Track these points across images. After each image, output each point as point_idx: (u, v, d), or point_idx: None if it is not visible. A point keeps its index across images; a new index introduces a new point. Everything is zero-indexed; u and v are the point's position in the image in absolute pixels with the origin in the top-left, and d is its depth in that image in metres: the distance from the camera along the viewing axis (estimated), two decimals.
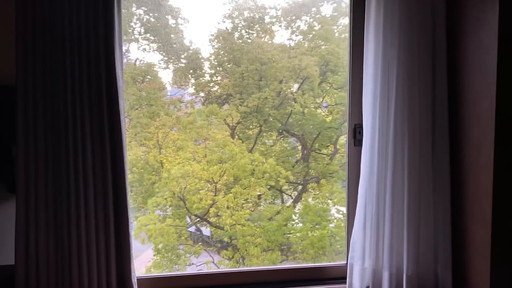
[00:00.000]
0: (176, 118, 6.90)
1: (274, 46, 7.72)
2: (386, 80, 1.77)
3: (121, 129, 1.53)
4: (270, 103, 7.21)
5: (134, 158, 6.88)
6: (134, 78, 7.90)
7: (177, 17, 9.45)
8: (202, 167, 6.18)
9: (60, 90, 1.44)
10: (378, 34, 1.75)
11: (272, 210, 7.06)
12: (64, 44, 1.44)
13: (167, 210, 7.21)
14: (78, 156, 1.47)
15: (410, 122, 1.75)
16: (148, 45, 9.92)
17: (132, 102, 7.08)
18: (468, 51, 1.67)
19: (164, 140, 6.90)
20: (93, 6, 1.45)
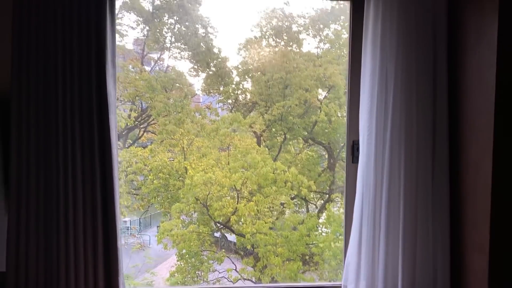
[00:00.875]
0: (201, 126, 7.00)
1: (300, 55, 7.67)
2: (383, 96, 1.70)
3: (111, 144, 1.57)
4: (294, 111, 7.16)
5: (160, 164, 7.04)
6: (163, 86, 8.11)
7: (207, 26, 9.63)
8: (225, 174, 6.20)
9: (52, 105, 1.50)
10: (375, 49, 1.69)
11: (295, 219, 6.96)
12: (57, 62, 1.49)
13: (192, 215, 7.32)
14: (68, 170, 1.51)
15: (408, 141, 1.66)
16: (179, 53, 10.16)
17: (160, 109, 7.25)
18: (468, 67, 1.58)
19: (189, 147, 7.01)
20: (86, 25, 1.50)
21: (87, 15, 1.53)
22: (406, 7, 1.67)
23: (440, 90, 1.68)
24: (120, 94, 8.23)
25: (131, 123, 8.41)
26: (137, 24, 9.51)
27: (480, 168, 1.48)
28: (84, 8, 1.52)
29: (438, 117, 1.68)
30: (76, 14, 1.52)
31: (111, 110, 1.59)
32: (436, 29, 1.69)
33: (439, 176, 1.66)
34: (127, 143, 9.39)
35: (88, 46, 1.53)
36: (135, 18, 9.38)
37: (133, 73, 8.26)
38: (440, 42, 1.69)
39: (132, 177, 7.50)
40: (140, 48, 10.03)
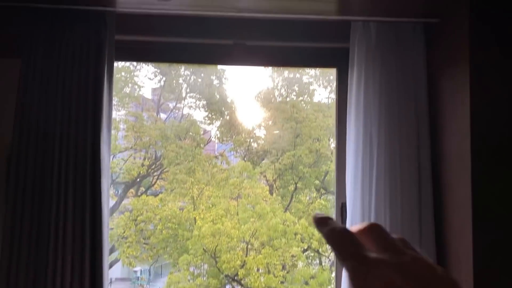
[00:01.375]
0: (212, 175, 7.10)
1: (310, 105, 7.85)
2: (367, 160, 1.74)
3: (101, 206, 1.64)
4: (305, 160, 7.21)
5: (169, 213, 7.08)
6: (177, 135, 8.34)
7: (221, 77, 10.02)
8: (233, 225, 6.17)
9: (48, 168, 1.60)
10: (359, 114, 1.75)
11: (307, 273, 6.76)
12: (55, 129, 1.61)
13: (202, 267, 7.21)
14: (59, 229, 1.58)
15: (393, 207, 1.67)
16: (194, 103, 10.52)
17: (171, 158, 7.42)
18: (447, 136, 1.62)
19: (199, 196, 7.06)
20: (84, 95, 1.63)
21: (86, 86, 1.67)
22: (387, 75, 1.75)
23: (423, 157, 1.72)
24: (134, 142, 8.50)
25: (143, 171, 8.60)
26: (155, 75, 9.99)
27: (463, 236, 1.48)
28: (84, 75, 1.66)
29: (423, 183, 1.70)
30: (75, 86, 1.66)
31: (104, 174, 1.67)
32: (417, 96, 1.76)
33: (425, 242, 1.66)
34: (140, 191, 9.54)
35: (85, 115, 1.65)
36: (153, 70, 9.88)
37: (147, 122, 8.57)
38: (421, 109, 1.75)
39: (142, 226, 7.55)
40: (157, 98, 10.46)
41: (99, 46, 1.70)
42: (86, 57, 1.70)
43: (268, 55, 1.96)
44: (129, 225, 7.48)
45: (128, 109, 8.96)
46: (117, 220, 7.70)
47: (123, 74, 8.78)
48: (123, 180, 9.22)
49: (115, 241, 7.42)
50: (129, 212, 7.73)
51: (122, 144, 8.63)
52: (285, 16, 1.79)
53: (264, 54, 1.95)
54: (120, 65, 8.69)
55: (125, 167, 8.58)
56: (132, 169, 8.33)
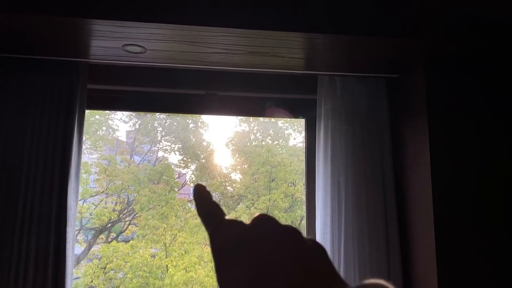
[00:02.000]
0: (185, 220, 6.96)
1: (285, 149, 7.98)
2: (335, 209, 1.78)
3: (66, 257, 1.59)
4: (280, 205, 7.21)
5: (140, 260, 6.82)
6: (150, 179, 8.22)
7: (197, 121, 10.09)
8: (207, 273, 5.99)
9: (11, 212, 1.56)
10: (327, 164, 1.81)
11: None
12: (21, 172, 1.59)
13: None
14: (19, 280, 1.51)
15: (361, 248, 1.71)
16: (169, 146, 10.47)
17: (144, 203, 7.26)
18: (411, 183, 1.70)
19: (172, 243, 6.87)
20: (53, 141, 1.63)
21: (55, 134, 1.67)
22: (352, 125, 1.84)
23: (389, 203, 1.78)
24: (106, 186, 8.30)
25: (115, 216, 8.34)
26: (130, 119, 9.97)
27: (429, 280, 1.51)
28: (53, 128, 1.66)
29: (390, 229, 1.75)
30: (44, 134, 1.66)
31: (70, 223, 1.64)
32: (381, 145, 1.85)
33: (394, 277, 1.68)
34: (111, 237, 9.19)
35: (53, 163, 1.64)
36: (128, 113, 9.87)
37: (121, 166, 8.43)
38: (385, 157, 1.83)
39: (111, 275, 7.20)
40: (131, 141, 10.38)
41: (71, 95, 1.72)
42: (57, 106, 1.71)
43: (239, 105, 2.03)
44: (98, 273, 7.14)
45: (101, 152, 8.83)
46: (85, 268, 7.34)
47: (97, 117, 8.72)
48: (93, 226, 8.89)
49: None
50: (98, 260, 7.40)
51: (94, 188, 8.41)
52: (255, 70, 1.88)
53: (236, 104, 2.02)
54: None
55: (96, 212, 8.31)
56: (103, 214, 8.07)
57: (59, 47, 1.65)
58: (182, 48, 1.62)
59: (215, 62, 1.76)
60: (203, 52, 1.66)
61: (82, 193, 7.76)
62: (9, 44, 1.64)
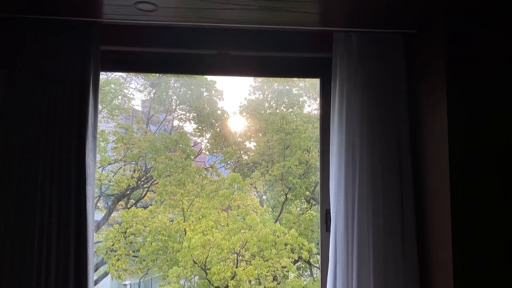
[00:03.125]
0: (201, 186, 7.07)
1: (301, 115, 7.92)
2: (350, 168, 1.77)
3: (87, 214, 1.64)
4: (295, 171, 7.24)
5: (159, 225, 7.02)
6: (166, 147, 8.32)
7: (211, 90, 10.07)
8: (223, 236, 6.14)
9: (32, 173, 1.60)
10: (342, 123, 1.78)
11: (297, 284, 6.72)
12: (40, 134, 1.62)
13: (192, 279, 7.13)
14: (43, 238, 1.58)
15: (375, 213, 1.70)
16: (184, 115, 10.54)
17: (161, 170, 7.39)
18: (427, 141, 1.67)
19: (189, 207, 7.02)
20: (69, 100, 1.64)
21: (71, 91, 1.68)
22: (369, 84, 1.79)
23: (405, 163, 1.75)
24: (124, 154, 8.46)
25: (133, 183, 8.53)
26: (144, 87, 10.00)
27: (442, 241, 1.51)
28: (69, 84, 1.68)
29: (404, 189, 1.73)
30: (60, 95, 1.68)
31: (89, 181, 1.68)
32: (398, 104, 1.80)
33: (407, 249, 1.68)
34: (130, 203, 9.44)
35: (70, 123, 1.66)
36: (143, 82, 9.88)
37: (137, 134, 8.54)
38: (402, 116, 1.79)
39: (131, 239, 7.45)
40: (147, 110, 10.46)
41: (84, 56, 1.72)
42: (72, 67, 1.72)
43: (252, 65, 2.00)
44: (118, 237, 7.39)
45: (118, 121, 8.93)
46: (106, 233, 7.60)
47: (113, 86, 8.77)
48: (113, 192, 9.13)
49: (104, 254, 7.31)
50: (118, 225, 7.64)
51: (112, 156, 8.58)
52: (268, 27, 1.83)
53: (249, 64, 1.99)
54: (110, 77, 8.70)
55: (115, 179, 8.51)
56: (122, 181, 8.25)
57: (72, 5, 1.63)
58: (194, 4, 1.59)
59: (228, 19, 1.72)
60: (215, 8, 1.62)
61: (101, 161, 7.92)
62: (21, 5, 1.63)
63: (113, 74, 9.05)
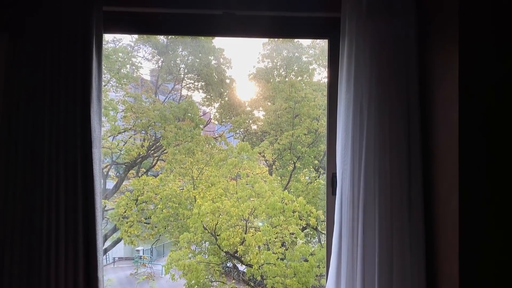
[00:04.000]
0: (210, 155, 7.12)
1: (310, 84, 7.80)
2: (357, 131, 1.73)
3: (93, 176, 1.65)
4: (303, 140, 7.21)
5: (170, 192, 7.14)
6: (175, 116, 8.33)
7: (220, 58, 9.93)
8: (233, 204, 6.23)
9: (38, 138, 1.60)
10: (350, 85, 1.74)
11: (306, 250, 6.84)
12: (44, 98, 1.61)
13: (203, 244, 7.31)
14: (51, 202, 1.59)
15: (382, 176, 1.67)
16: (193, 84, 10.49)
17: (170, 139, 7.43)
18: (437, 103, 1.61)
19: (198, 176, 7.10)
20: (72, 63, 1.62)
21: (74, 53, 1.65)
22: (378, 44, 1.72)
23: (413, 126, 1.70)
24: (134, 123, 8.51)
25: (143, 152, 8.62)
26: (152, 56, 9.92)
27: (449, 203, 1.48)
28: (72, 46, 1.65)
29: (412, 153, 1.69)
30: (64, 52, 1.65)
31: (95, 144, 1.68)
32: (408, 65, 1.74)
33: (414, 212, 1.66)
34: (141, 172, 9.58)
35: (74, 85, 1.64)
36: (151, 50, 9.79)
37: (146, 104, 8.55)
38: (411, 78, 1.73)
39: (143, 206, 7.61)
40: (155, 79, 10.41)
41: (86, 17, 1.68)
42: (73, 28, 1.68)
43: (258, 26, 1.93)
44: (130, 205, 7.55)
45: (127, 90, 8.92)
46: (118, 200, 7.77)
47: (121, 55, 8.71)
48: (123, 161, 9.26)
49: (116, 220, 7.51)
50: (129, 192, 7.80)
51: (122, 125, 8.63)
52: None
53: (255, 24, 1.93)
54: (117, 45, 8.62)
55: (125, 148, 8.60)
56: (132, 149, 8.35)
57: None
58: None
59: None
60: None
61: (111, 130, 8.00)
62: None
63: (121, 43, 8.95)
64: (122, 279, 10.86)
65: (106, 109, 7.70)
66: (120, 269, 12.43)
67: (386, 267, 1.63)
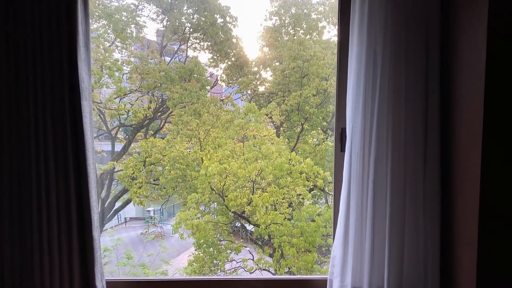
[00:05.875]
0: (217, 116, 6.96)
1: (319, 42, 7.45)
2: (370, 82, 1.56)
3: (84, 130, 1.53)
4: (312, 101, 6.98)
5: (177, 154, 7.07)
6: (181, 77, 8.12)
7: (226, 16, 9.53)
8: (240, 165, 6.15)
9: (22, 89, 1.47)
10: (362, 32, 1.54)
11: (313, 211, 6.82)
12: (26, 46, 1.46)
13: (211, 205, 7.33)
14: (40, 160, 1.49)
15: (395, 130, 1.51)
16: (198, 44, 10.17)
17: (176, 100, 7.26)
18: (460, 48, 1.42)
19: (205, 138, 6.98)
20: (56, 7, 1.46)
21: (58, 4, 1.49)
22: None
23: (432, 73, 1.53)
24: (139, 84, 8.32)
25: (150, 114, 8.49)
26: (157, 15, 9.55)
27: (469, 161, 1.33)
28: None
29: (430, 105, 1.53)
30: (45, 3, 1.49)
31: (84, 96, 1.54)
32: (428, 11, 1.54)
33: (429, 169, 1.51)
34: (148, 134, 9.50)
35: (59, 28, 1.49)
36: (155, 9, 9.41)
37: (151, 64, 8.32)
38: (432, 24, 1.53)
39: (151, 168, 7.59)
40: (160, 39, 10.10)
41: None
42: None
43: None
44: (138, 166, 7.53)
45: (131, 50, 8.67)
46: (126, 161, 7.75)
47: (124, 14, 8.39)
48: (131, 123, 9.17)
49: (125, 182, 7.51)
50: (137, 154, 7.75)
51: (127, 87, 8.46)
52: None
53: None
54: (120, 4, 8.29)
55: (132, 109, 8.47)
56: (138, 111, 8.22)
57: None
58: None
59: None
60: None
61: (117, 91, 7.84)
62: None
63: (124, 1, 8.62)
64: (133, 238, 11.11)
65: (111, 70, 7.52)
66: (132, 229, 12.71)
67: (398, 226, 1.51)
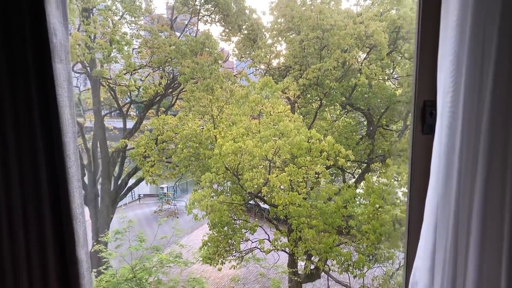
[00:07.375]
0: (231, 92, 6.40)
1: (338, 11, 6.74)
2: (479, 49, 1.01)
3: (58, 107, 1.02)
4: (332, 74, 6.35)
5: (189, 132, 6.57)
6: (192, 50, 7.52)
7: None
8: (255, 143, 5.63)
9: None
10: None
11: (331, 190, 6.32)
12: None
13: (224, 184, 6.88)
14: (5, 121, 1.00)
15: None
16: (209, 17, 9.49)
17: (188, 75, 6.70)
18: None
19: (219, 114, 6.46)
20: None
21: None
22: None
23: None
24: (149, 59, 7.76)
25: (161, 90, 7.96)
26: None
27: None
28: None
29: None
30: None
31: (57, 55, 1.02)
32: None
33: None
34: (160, 111, 9.00)
35: None
36: None
37: (161, 38, 7.71)
38: None
39: (163, 146, 7.13)
40: (170, 12, 9.44)
41: None
42: None
43: None
44: (150, 144, 7.08)
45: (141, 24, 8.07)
46: (138, 139, 7.29)
47: None
48: (141, 99, 8.66)
49: (137, 160, 7.08)
50: (149, 132, 7.29)
51: (137, 62, 7.91)
52: None
53: None
54: None
55: (143, 85, 7.95)
56: (149, 87, 7.70)
57: None
58: None
59: None
60: None
61: (126, 67, 7.29)
62: None
63: None
64: (147, 215, 10.86)
65: (120, 44, 6.94)
66: (146, 205, 12.48)
67: None
